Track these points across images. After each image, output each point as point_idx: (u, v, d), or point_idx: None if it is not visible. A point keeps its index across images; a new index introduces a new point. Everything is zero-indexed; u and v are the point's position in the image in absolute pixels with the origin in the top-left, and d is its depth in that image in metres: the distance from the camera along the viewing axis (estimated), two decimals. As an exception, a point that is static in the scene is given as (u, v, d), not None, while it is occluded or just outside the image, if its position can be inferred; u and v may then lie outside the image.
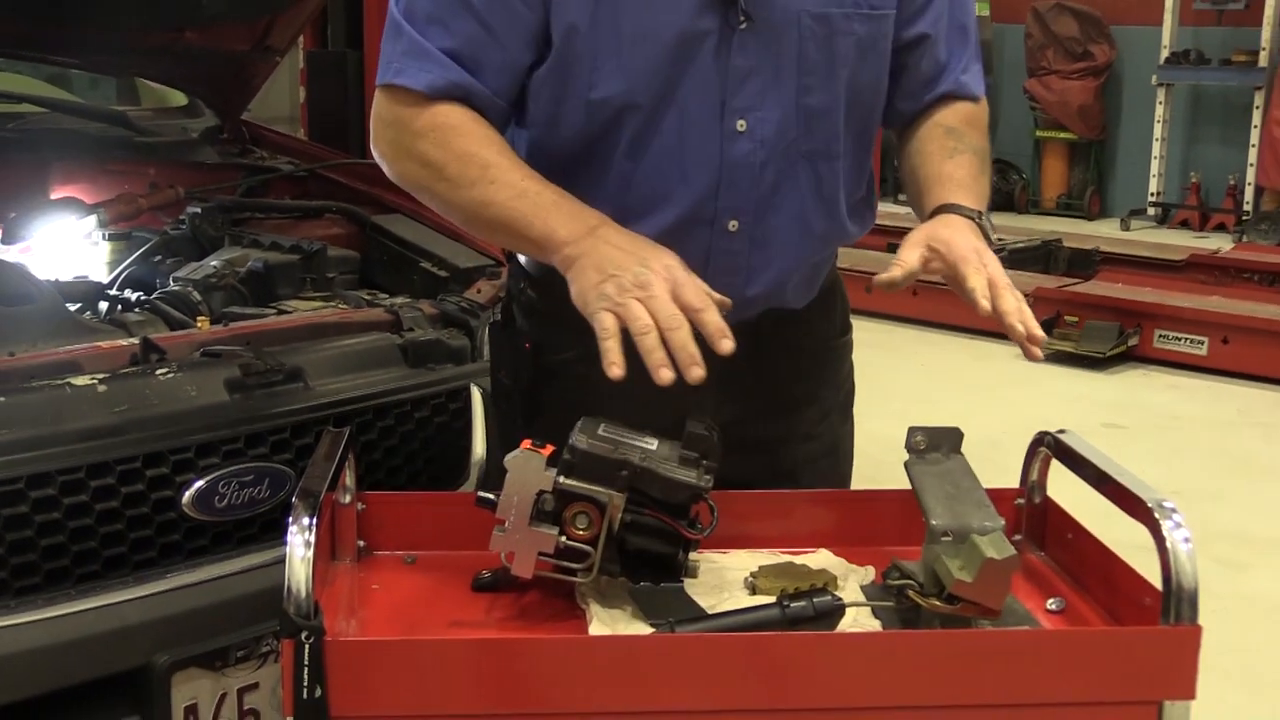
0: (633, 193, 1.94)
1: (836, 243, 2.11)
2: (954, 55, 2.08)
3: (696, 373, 1.60)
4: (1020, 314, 1.71)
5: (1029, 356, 1.73)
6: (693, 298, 1.66)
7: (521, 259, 2.11)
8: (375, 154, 1.99)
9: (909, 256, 1.78)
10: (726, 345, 1.64)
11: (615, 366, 1.60)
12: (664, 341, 1.61)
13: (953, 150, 1.99)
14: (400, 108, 1.92)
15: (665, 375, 1.59)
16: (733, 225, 1.96)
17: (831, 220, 2.03)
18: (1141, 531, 1.55)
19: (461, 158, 1.87)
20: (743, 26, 1.89)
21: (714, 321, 1.65)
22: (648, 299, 1.65)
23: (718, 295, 1.71)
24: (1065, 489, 1.84)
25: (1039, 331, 1.71)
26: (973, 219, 1.86)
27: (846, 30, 1.93)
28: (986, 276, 1.74)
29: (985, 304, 1.71)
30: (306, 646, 1.39)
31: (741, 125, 1.93)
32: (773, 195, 1.96)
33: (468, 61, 1.89)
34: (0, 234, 2.75)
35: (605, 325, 1.64)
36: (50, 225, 2.81)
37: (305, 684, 1.39)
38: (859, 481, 2.19)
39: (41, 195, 2.90)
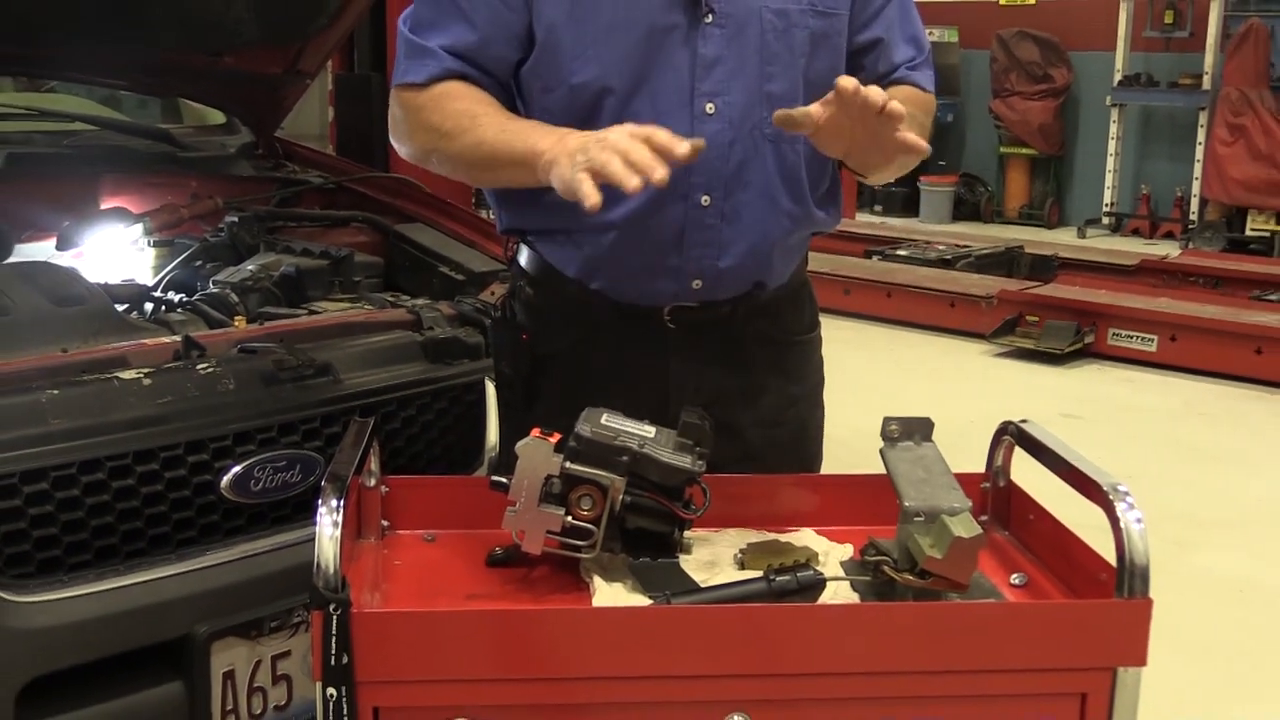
0: None
1: (805, 226, 2.09)
2: (910, 59, 2.11)
3: (659, 174, 1.62)
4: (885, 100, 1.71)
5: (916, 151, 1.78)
6: (639, 129, 1.67)
7: (522, 260, 2.13)
8: (394, 145, 2.07)
9: (810, 107, 1.76)
10: (681, 149, 1.64)
11: (591, 198, 1.63)
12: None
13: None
14: (407, 97, 2.00)
15: (633, 183, 1.61)
16: (705, 200, 1.97)
17: (798, 203, 2.03)
18: (1097, 512, 1.55)
19: (455, 114, 1.94)
20: (708, 20, 1.93)
21: (662, 136, 1.65)
22: (606, 144, 1.66)
23: (689, 141, 1.70)
24: (1027, 474, 1.84)
25: (899, 108, 1.71)
26: None
27: (802, 24, 1.97)
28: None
29: (847, 85, 1.70)
30: (334, 617, 1.39)
31: (710, 108, 1.96)
32: (740, 172, 1.98)
33: (462, 58, 1.96)
34: (55, 241, 2.75)
35: (580, 179, 1.65)
36: (100, 233, 2.81)
37: (333, 651, 1.39)
38: (837, 467, 2.19)
39: (92, 205, 2.89)
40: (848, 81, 1.70)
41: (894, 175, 1.99)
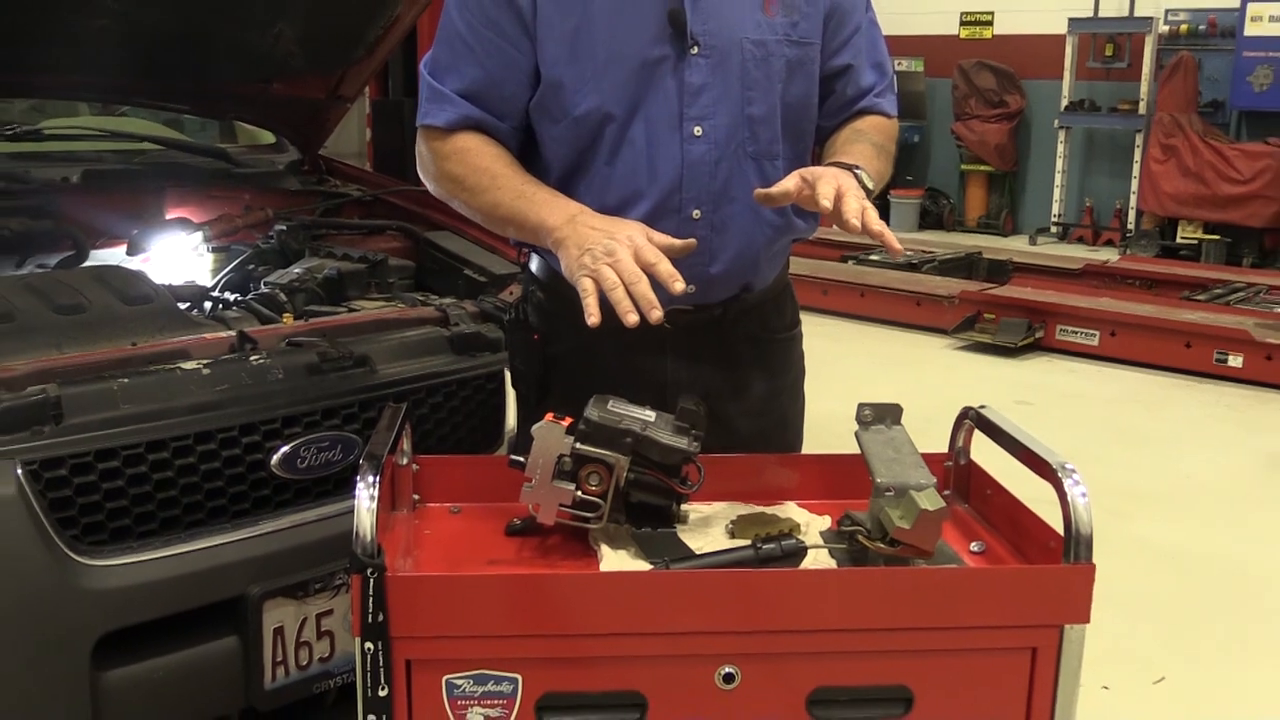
0: (613, 191, 1.96)
1: (787, 232, 2.07)
2: (874, 84, 2.09)
3: (656, 314, 1.63)
4: (861, 214, 1.70)
5: (891, 253, 1.77)
6: (649, 255, 1.69)
7: (533, 267, 2.14)
8: (420, 178, 2.06)
9: (785, 183, 1.77)
10: (677, 286, 1.67)
11: (593, 317, 1.65)
12: (630, 295, 1.65)
13: (854, 140, 2.01)
14: (431, 141, 1.99)
15: (631, 319, 1.63)
16: (695, 214, 1.96)
17: (779, 213, 2.01)
18: (1047, 487, 1.55)
19: (476, 171, 1.93)
20: (694, 52, 1.92)
21: (666, 270, 1.67)
22: (614, 263, 1.68)
23: (680, 241, 1.76)
24: (985, 454, 1.84)
25: (877, 226, 1.70)
26: (848, 169, 1.84)
27: (779, 54, 1.96)
28: (836, 187, 1.73)
29: (827, 204, 1.71)
30: (371, 580, 1.39)
31: (698, 131, 1.94)
32: (726, 188, 1.96)
33: (476, 99, 1.95)
34: (126, 247, 2.75)
35: (585, 287, 1.68)
36: (165, 240, 2.81)
37: (370, 610, 1.39)
38: (817, 447, 2.18)
39: (158, 216, 2.89)
40: (826, 200, 1.71)
41: None
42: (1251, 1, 10.17)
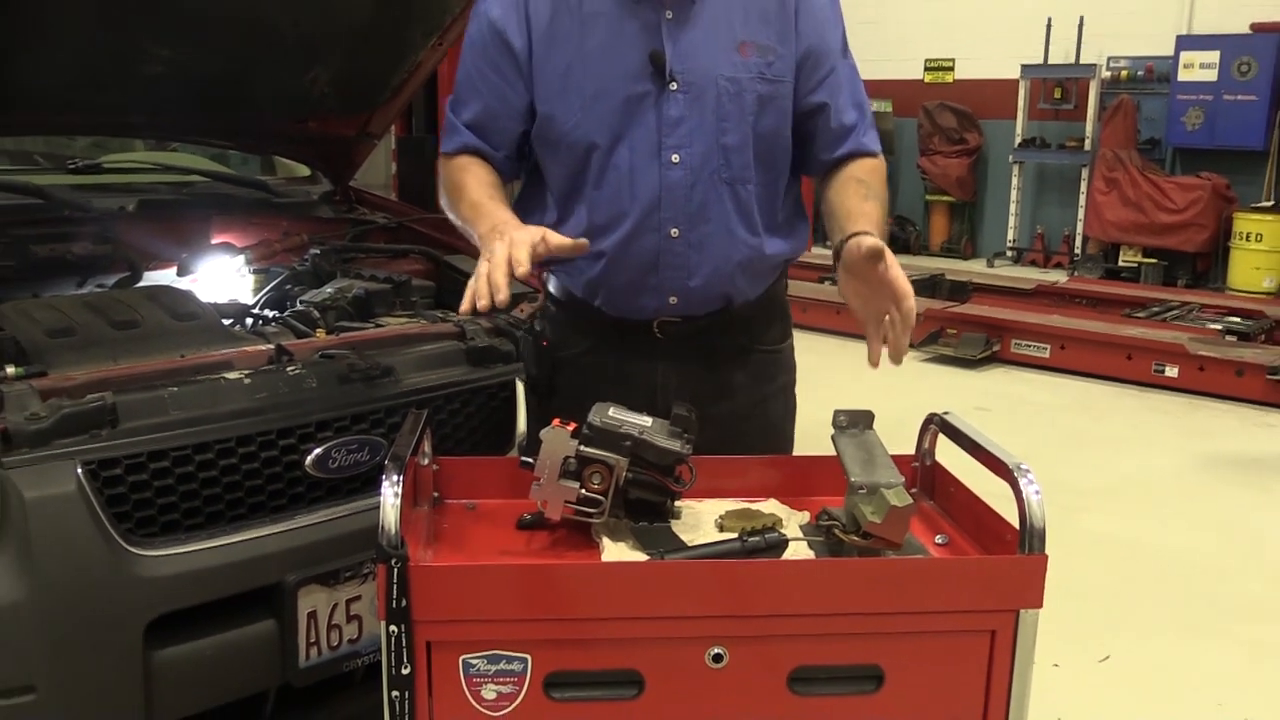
0: (600, 211, 1.98)
1: (762, 251, 2.03)
2: (856, 122, 2.06)
3: (500, 298, 1.64)
4: (897, 351, 1.75)
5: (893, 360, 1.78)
6: (516, 251, 1.68)
7: (550, 285, 2.15)
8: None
9: (876, 247, 1.76)
10: (519, 270, 1.66)
11: (464, 302, 1.67)
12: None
13: (865, 195, 1.98)
14: (443, 164, 2.07)
15: (464, 307, 1.66)
16: (674, 232, 1.97)
17: (753, 233, 2.01)
18: (1004, 485, 1.54)
19: (458, 187, 1.99)
20: (673, 88, 1.93)
21: (516, 256, 1.67)
22: (489, 258, 1.68)
23: (570, 240, 1.77)
24: (949, 455, 1.83)
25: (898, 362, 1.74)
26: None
27: (751, 89, 1.96)
28: (901, 310, 1.73)
29: (886, 323, 1.77)
30: (395, 569, 1.38)
31: (675, 158, 1.95)
32: (702, 210, 1.96)
33: (478, 130, 2.03)
34: (176, 269, 2.75)
35: (469, 285, 1.68)
36: (211, 262, 2.81)
37: (395, 596, 1.39)
38: (797, 449, 2.18)
39: (205, 241, 2.89)
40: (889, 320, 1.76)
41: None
42: (1184, 50, 10.22)
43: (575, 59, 1.93)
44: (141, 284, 2.62)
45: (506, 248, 1.68)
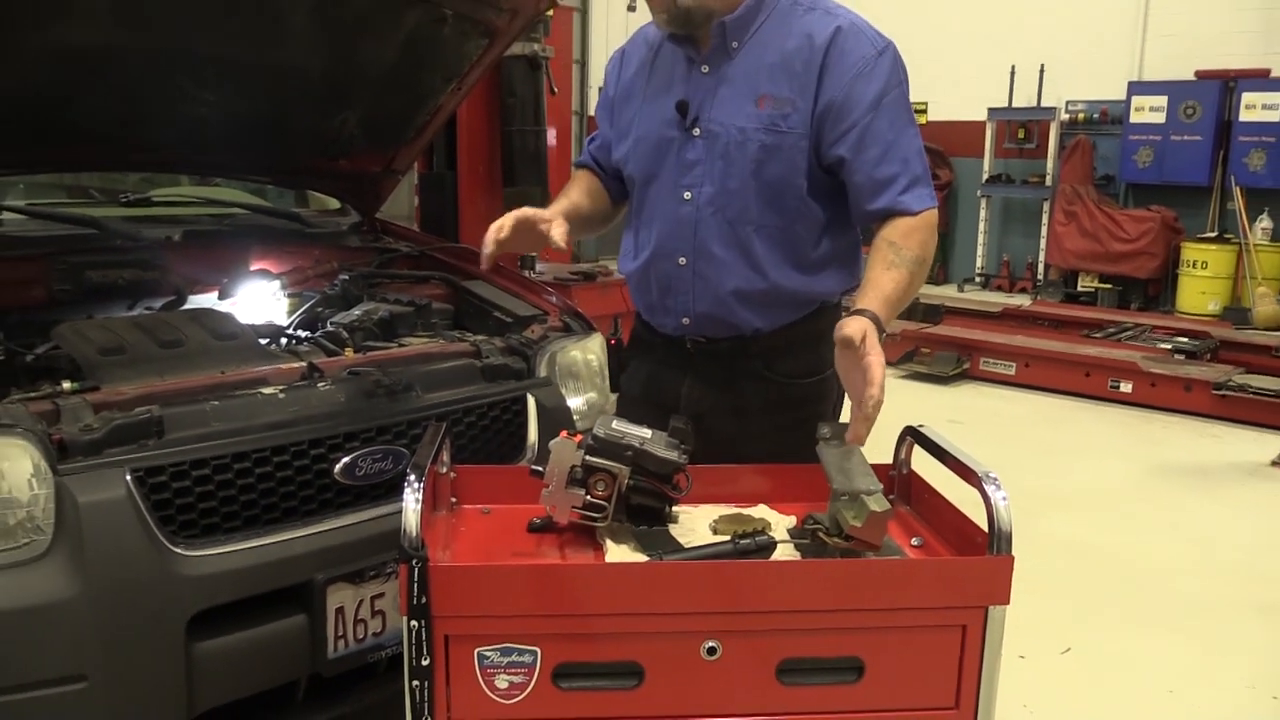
0: (641, 234, 2.09)
1: (768, 288, 1.98)
2: (892, 178, 1.90)
3: (482, 265, 1.87)
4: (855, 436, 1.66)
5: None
6: (496, 224, 1.86)
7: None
8: None
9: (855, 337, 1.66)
10: (489, 239, 1.85)
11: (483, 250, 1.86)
12: None
13: (890, 263, 1.84)
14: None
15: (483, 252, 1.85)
16: (682, 260, 2.01)
17: (754, 270, 1.98)
18: (974, 492, 1.54)
19: (563, 191, 2.18)
20: (695, 134, 1.98)
21: (491, 234, 1.85)
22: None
23: (534, 219, 1.89)
24: (924, 464, 1.83)
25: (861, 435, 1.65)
26: (870, 319, 1.71)
27: (755, 139, 1.94)
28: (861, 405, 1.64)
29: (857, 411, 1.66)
30: (416, 569, 1.38)
31: (687, 195, 1.99)
32: (705, 244, 1.99)
33: (597, 153, 2.23)
34: (217, 293, 2.75)
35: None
36: (250, 287, 2.81)
37: (415, 594, 1.38)
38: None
39: (244, 268, 2.89)
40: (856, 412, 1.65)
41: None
42: (1135, 95, 10.23)
43: (639, 106, 2.07)
44: (186, 306, 2.62)
45: (500, 220, 1.86)
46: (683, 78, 2.00)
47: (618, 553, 1.60)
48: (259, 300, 2.80)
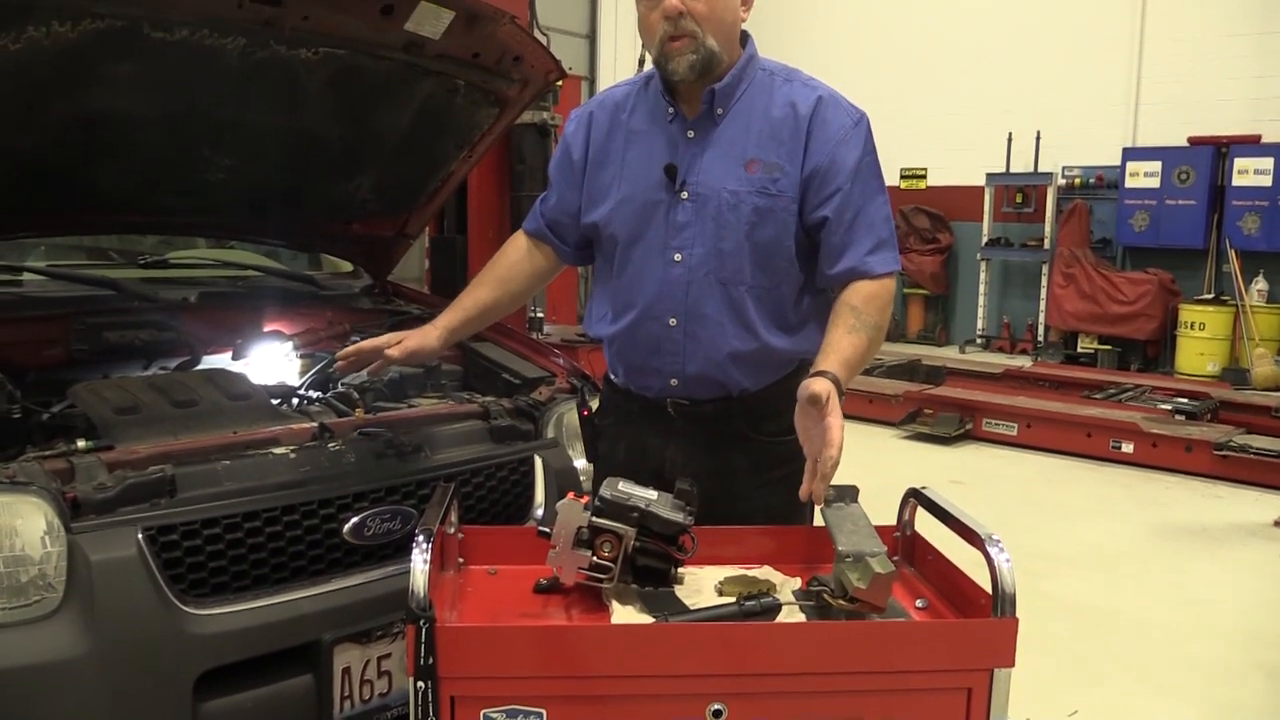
0: (620, 297, 2.06)
1: (758, 348, 2.00)
2: (859, 241, 1.96)
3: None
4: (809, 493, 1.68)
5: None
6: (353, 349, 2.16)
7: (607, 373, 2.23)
8: None
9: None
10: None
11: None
12: None
13: (851, 327, 1.87)
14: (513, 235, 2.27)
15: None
16: (672, 321, 2.01)
17: (747, 330, 1.99)
18: (978, 553, 1.53)
19: (492, 261, 2.24)
20: (684, 197, 1.98)
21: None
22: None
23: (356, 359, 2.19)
24: (927, 526, 1.82)
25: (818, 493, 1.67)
26: (830, 381, 1.73)
27: (749, 202, 1.97)
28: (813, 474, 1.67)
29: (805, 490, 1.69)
30: (423, 629, 1.37)
31: (678, 257, 1.99)
32: (697, 305, 1.99)
33: (550, 220, 2.19)
34: (231, 353, 2.76)
35: None
36: (263, 348, 2.82)
37: (422, 654, 1.38)
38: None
39: (258, 329, 2.91)
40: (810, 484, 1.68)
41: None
42: (1130, 161, 10.34)
43: (617, 169, 2.05)
44: (200, 367, 2.63)
45: (343, 350, 2.16)
46: (667, 142, 2.02)
47: (624, 614, 1.59)
48: (272, 361, 2.81)
